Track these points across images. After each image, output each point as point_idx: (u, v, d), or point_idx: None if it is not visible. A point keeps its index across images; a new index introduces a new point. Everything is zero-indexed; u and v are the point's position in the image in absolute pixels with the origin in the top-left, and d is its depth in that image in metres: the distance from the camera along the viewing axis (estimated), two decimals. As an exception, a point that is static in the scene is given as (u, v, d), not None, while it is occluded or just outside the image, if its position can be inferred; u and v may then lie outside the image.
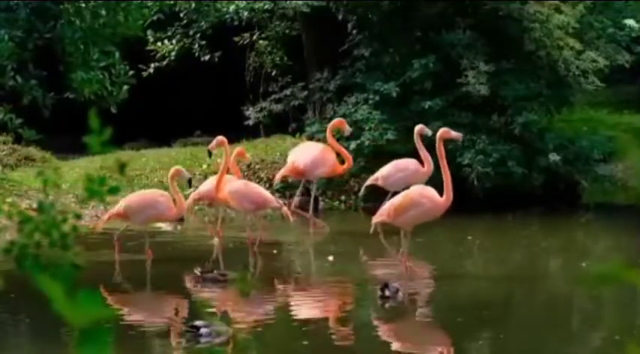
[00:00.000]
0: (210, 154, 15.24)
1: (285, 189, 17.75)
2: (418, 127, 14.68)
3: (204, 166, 18.78)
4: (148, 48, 18.95)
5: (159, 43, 19.00)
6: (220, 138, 14.35)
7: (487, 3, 17.63)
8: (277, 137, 19.91)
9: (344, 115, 17.48)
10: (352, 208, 17.67)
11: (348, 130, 15.88)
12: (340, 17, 18.26)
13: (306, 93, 18.91)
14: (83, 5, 11.04)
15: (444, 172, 12.05)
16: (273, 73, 19.88)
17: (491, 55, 17.27)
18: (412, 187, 12.49)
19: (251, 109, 19.04)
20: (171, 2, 18.39)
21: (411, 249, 14.58)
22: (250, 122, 18.96)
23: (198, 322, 9.00)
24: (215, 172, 15.15)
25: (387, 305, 10.53)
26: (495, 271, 12.75)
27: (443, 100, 17.21)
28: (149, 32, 18.47)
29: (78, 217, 2.48)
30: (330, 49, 18.32)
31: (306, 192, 16.62)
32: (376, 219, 12.35)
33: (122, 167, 2.47)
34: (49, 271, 2.29)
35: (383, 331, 9.89)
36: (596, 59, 17.47)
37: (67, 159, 19.45)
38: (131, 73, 11.49)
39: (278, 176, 15.95)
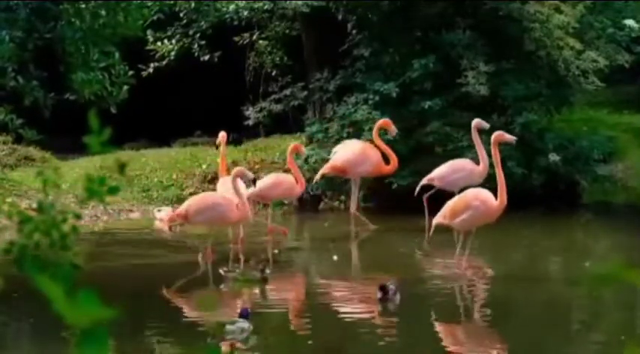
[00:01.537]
0: (218, 147, 15.63)
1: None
2: (475, 122, 14.59)
3: (204, 166, 18.78)
4: (148, 48, 18.95)
5: (158, 43, 19.00)
6: (221, 134, 14.96)
7: (487, 3, 17.63)
8: (277, 137, 19.92)
9: (344, 116, 17.49)
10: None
11: (394, 130, 15.81)
12: (340, 17, 18.25)
13: (306, 93, 18.91)
14: (83, 6, 11.03)
15: (499, 176, 11.96)
16: (273, 73, 19.88)
17: (491, 55, 17.27)
18: (469, 189, 12.50)
19: (251, 109, 19.04)
20: (171, 2, 18.39)
21: (411, 249, 14.61)
22: (250, 122, 18.95)
23: (224, 319, 9.29)
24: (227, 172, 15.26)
25: (385, 306, 10.52)
26: (495, 271, 12.72)
27: (443, 100, 17.21)
28: (149, 32, 18.47)
29: (78, 217, 2.48)
30: (330, 49, 18.31)
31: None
32: (435, 220, 12.34)
33: (122, 167, 2.47)
34: (49, 271, 2.29)
35: (382, 330, 9.88)
36: (597, 59, 17.47)
37: (66, 159, 19.46)
38: (131, 73, 11.49)
39: (319, 174, 15.85)
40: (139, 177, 18.38)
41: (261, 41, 20.20)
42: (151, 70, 18.67)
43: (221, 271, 11.77)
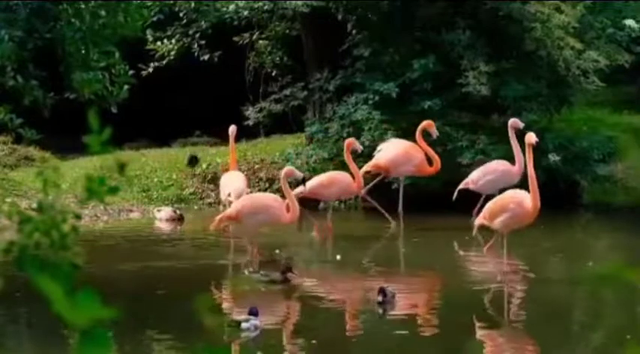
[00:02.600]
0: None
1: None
2: (511, 121, 14.56)
3: (204, 166, 18.78)
4: (148, 47, 18.94)
5: (158, 43, 18.99)
6: (232, 127, 15.54)
7: (487, 3, 17.62)
8: (277, 137, 19.91)
9: (344, 115, 17.49)
10: (352, 208, 17.69)
11: (435, 132, 15.82)
12: (340, 17, 18.25)
13: (305, 93, 18.90)
14: (83, 6, 11.03)
15: (530, 177, 11.88)
16: (273, 73, 19.87)
17: (491, 55, 17.25)
18: (509, 190, 12.48)
19: (251, 109, 19.03)
20: (171, 2, 18.40)
21: (411, 248, 14.62)
22: (250, 122, 18.94)
23: (239, 317, 9.44)
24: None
25: (382, 310, 10.51)
26: (495, 271, 12.72)
27: (443, 100, 17.20)
28: (149, 32, 18.47)
29: (78, 217, 2.47)
30: (330, 49, 18.31)
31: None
32: (477, 221, 12.35)
33: (122, 167, 2.47)
34: (49, 271, 2.28)
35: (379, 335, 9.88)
36: (597, 59, 17.46)
37: (66, 159, 19.46)
38: (131, 73, 11.48)
39: (362, 170, 15.78)
40: (139, 177, 18.38)
41: (261, 41, 20.19)
42: (150, 69, 18.66)
43: (245, 271, 11.77)
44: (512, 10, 17.43)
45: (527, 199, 11.82)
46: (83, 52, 10.91)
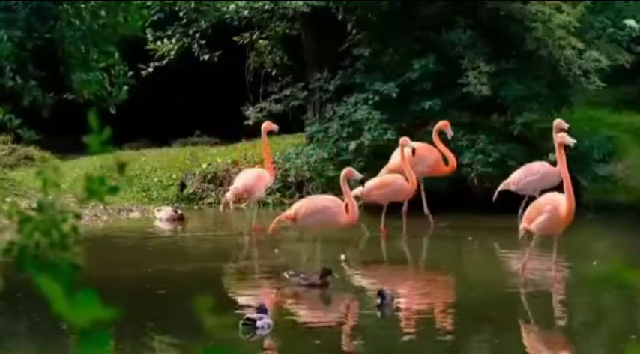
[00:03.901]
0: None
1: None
2: (556, 122, 14.49)
3: (204, 166, 18.78)
4: (148, 47, 18.94)
5: (158, 43, 18.99)
6: (265, 123, 15.57)
7: (487, 2, 17.61)
8: (277, 137, 19.91)
9: (344, 115, 17.48)
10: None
11: (450, 132, 15.76)
12: (340, 17, 18.25)
13: (305, 93, 18.89)
14: (83, 6, 11.02)
15: (565, 179, 11.70)
16: (272, 73, 19.87)
17: (491, 54, 17.24)
18: (547, 193, 12.35)
19: (251, 109, 19.02)
20: (171, 2, 18.40)
21: (411, 248, 14.61)
22: (250, 122, 18.93)
23: (254, 315, 9.50)
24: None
25: (382, 312, 10.50)
26: (496, 272, 12.72)
27: (443, 100, 17.19)
28: (149, 31, 18.46)
29: (78, 217, 2.47)
30: (330, 49, 18.30)
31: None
32: (521, 226, 12.16)
33: (122, 167, 2.46)
34: (49, 271, 2.28)
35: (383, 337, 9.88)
36: (599, 58, 17.44)
37: (66, 159, 19.47)
38: (131, 73, 11.48)
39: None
40: (139, 177, 18.39)
41: (261, 41, 20.18)
42: (150, 69, 18.66)
43: (285, 274, 11.73)
44: (513, 9, 17.43)
45: (563, 202, 11.61)
46: (83, 52, 10.91)
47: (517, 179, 15.42)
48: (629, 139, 20.57)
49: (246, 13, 18.50)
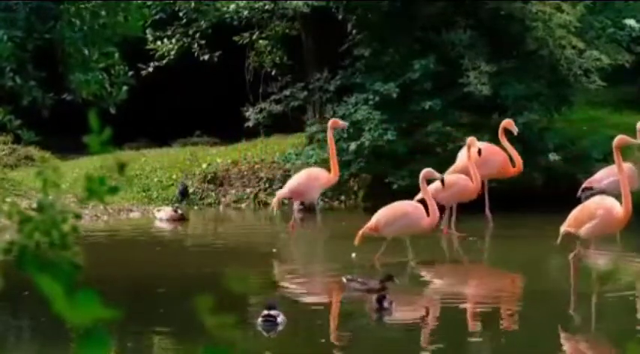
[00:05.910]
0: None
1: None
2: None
3: (204, 166, 18.78)
4: (148, 47, 18.94)
5: (158, 43, 18.99)
6: (331, 121, 15.30)
7: (488, 2, 17.61)
8: (277, 137, 19.91)
9: (344, 116, 17.47)
10: (352, 208, 17.68)
11: (515, 129, 15.54)
12: (340, 17, 18.25)
13: (305, 93, 18.90)
14: (83, 6, 11.02)
15: (622, 182, 11.57)
16: (272, 73, 19.87)
17: (492, 54, 17.24)
18: (595, 197, 12.18)
19: (251, 109, 19.02)
20: (171, 1, 18.40)
21: (408, 248, 14.59)
22: (250, 123, 18.93)
23: (273, 312, 9.54)
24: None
25: (381, 316, 10.47)
26: (496, 271, 12.73)
27: (443, 100, 17.19)
28: (149, 31, 18.46)
29: (78, 217, 2.47)
30: (330, 49, 18.30)
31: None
32: (562, 229, 11.79)
33: (122, 167, 2.46)
34: (49, 271, 2.28)
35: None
36: (599, 58, 17.44)
37: (66, 159, 19.47)
38: (131, 73, 11.48)
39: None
40: (139, 177, 18.39)
41: (261, 41, 20.18)
42: (150, 69, 18.66)
43: (344, 278, 11.63)
44: (514, 9, 17.42)
45: (616, 206, 11.36)
46: (83, 52, 10.91)
47: (600, 178, 15.34)
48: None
49: (246, 13, 18.50)
